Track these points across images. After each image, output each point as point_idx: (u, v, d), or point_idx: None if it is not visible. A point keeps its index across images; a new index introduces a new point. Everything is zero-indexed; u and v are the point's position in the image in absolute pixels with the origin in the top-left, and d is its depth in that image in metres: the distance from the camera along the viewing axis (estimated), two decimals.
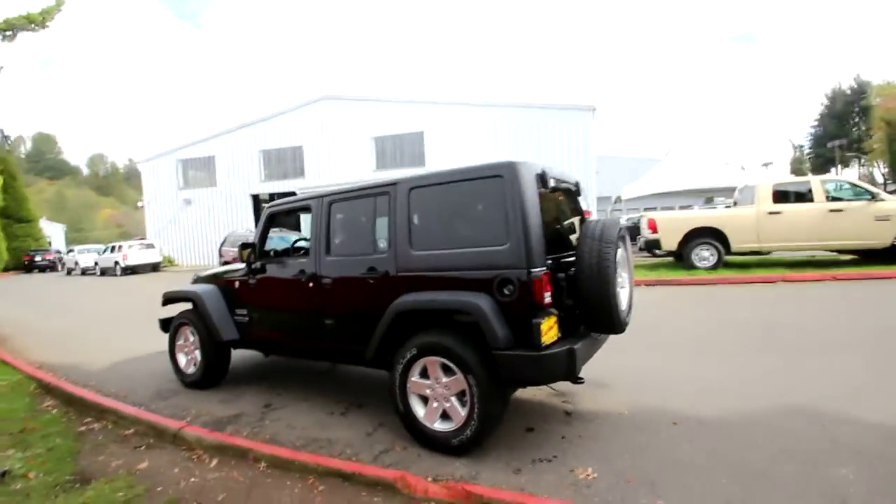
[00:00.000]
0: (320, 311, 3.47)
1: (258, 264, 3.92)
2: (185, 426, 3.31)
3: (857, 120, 51.51)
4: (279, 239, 7.83)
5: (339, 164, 21.05)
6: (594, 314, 2.80)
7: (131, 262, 20.43)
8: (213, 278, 4.47)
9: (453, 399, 2.79)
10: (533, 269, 2.57)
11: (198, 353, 4.34)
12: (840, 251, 9.48)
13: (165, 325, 4.68)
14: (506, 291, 2.63)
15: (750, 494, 2.25)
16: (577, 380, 2.73)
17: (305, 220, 4.31)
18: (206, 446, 3.11)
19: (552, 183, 2.95)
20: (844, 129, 51.57)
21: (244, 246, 3.80)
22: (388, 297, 3.04)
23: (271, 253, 4.14)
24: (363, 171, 20.42)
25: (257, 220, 23.53)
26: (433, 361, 2.83)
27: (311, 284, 3.51)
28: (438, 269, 2.88)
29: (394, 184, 3.16)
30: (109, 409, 3.80)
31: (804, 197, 9.02)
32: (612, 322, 2.81)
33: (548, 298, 2.60)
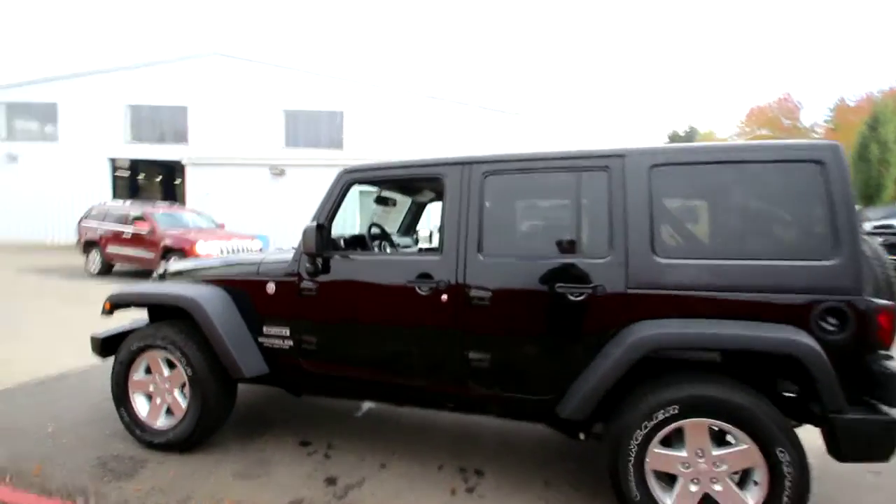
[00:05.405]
0: (461, 340, 2.25)
1: (320, 260, 2.49)
2: None
3: None
4: None
5: (238, 133, 17.87)
6: None
7: None
8: (210, 276, 2.82)
9: (728, 480, 1.91)
10: (877, 299, 1.84)
11: (178, 396, 2.69)
12: None
13: (107, 347, 2.86)
14: (826, 325, 1.86)
15: None
16: None
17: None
18: None
19: None
20: None
21: (319, 228, 2.33)
22: (606, 323, 2.04)
23: (341, 242, 2.69)
24: (271, 146, 17.68)
25: (115, 189, 18.89)
26: (700, 425, 1.91)
27: (444, 297, 2.27)
28: (701, 288, 1.98)
29: (619, 156, 2.13)
30: None
31: None
32: None
33: None
